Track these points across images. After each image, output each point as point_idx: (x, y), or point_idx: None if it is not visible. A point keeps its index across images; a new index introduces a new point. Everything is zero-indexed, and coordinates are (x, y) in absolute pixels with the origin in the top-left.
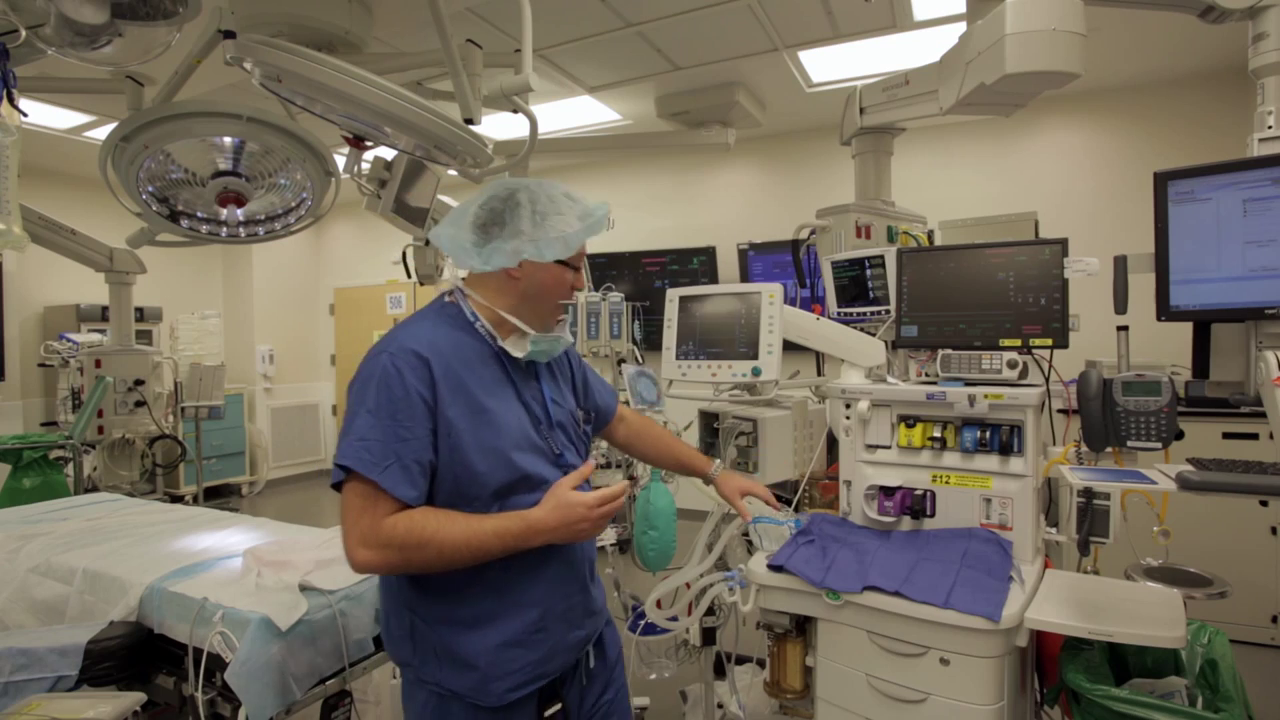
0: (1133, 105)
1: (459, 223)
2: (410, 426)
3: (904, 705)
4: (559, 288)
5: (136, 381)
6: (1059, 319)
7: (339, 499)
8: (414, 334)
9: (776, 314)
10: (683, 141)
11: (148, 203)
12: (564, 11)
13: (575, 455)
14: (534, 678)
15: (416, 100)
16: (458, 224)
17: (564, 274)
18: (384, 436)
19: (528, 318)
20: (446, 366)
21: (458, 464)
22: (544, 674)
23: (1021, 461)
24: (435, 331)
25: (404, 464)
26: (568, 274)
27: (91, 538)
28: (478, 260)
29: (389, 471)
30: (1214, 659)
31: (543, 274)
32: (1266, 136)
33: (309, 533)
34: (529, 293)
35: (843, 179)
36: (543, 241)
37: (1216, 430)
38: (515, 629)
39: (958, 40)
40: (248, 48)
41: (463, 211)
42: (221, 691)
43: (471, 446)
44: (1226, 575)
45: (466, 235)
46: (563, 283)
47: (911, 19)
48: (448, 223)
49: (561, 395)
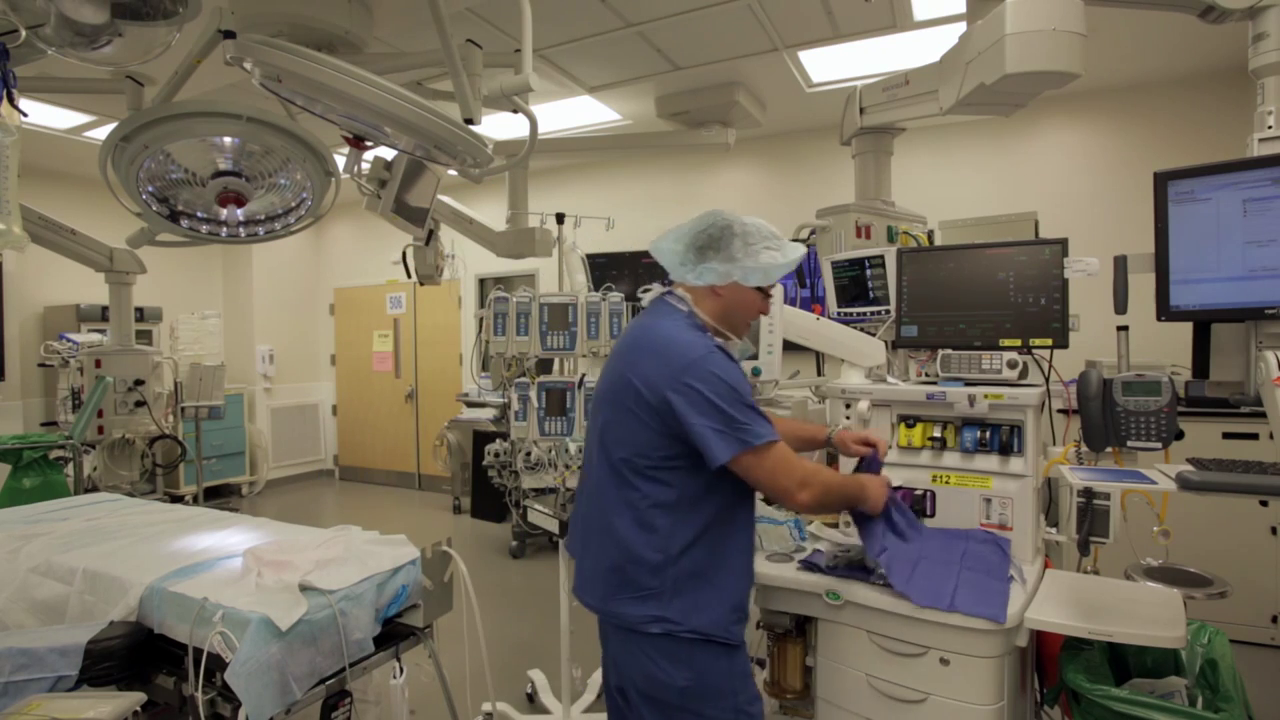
0: (1133, 105)
1: (678, 241)
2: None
3: (904, 705)
4: (752, 309)
5: (136, 381)
6: (1059, 319)
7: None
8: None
9: (776, 314)
10: (683, 141)
11: (148, 203)
12: (564, 11)
13: None
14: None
15: (416, 100)
16: (677, 241)
17: (759, 298)
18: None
19: (728, 327)
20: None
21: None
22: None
23: (1021, 461)
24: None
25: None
26: (761, 299)
27: (91, 538)
28: (691, 275)
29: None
30: (1214, 659)
31: (743, 295)
32: (1266, 136)
33: (309, 533)
34: (729, 309)
35: (843, 179)
36: (750, 269)
37: (1216, 430)
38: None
39: (958, 40)
40: (248, 48)
41: (683, 232)
42: (221, 691)
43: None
44: (1226, 575)
45: (684, 253)
46: (756, 305)
47: (911, 19)
48: (670, 239)
49: None
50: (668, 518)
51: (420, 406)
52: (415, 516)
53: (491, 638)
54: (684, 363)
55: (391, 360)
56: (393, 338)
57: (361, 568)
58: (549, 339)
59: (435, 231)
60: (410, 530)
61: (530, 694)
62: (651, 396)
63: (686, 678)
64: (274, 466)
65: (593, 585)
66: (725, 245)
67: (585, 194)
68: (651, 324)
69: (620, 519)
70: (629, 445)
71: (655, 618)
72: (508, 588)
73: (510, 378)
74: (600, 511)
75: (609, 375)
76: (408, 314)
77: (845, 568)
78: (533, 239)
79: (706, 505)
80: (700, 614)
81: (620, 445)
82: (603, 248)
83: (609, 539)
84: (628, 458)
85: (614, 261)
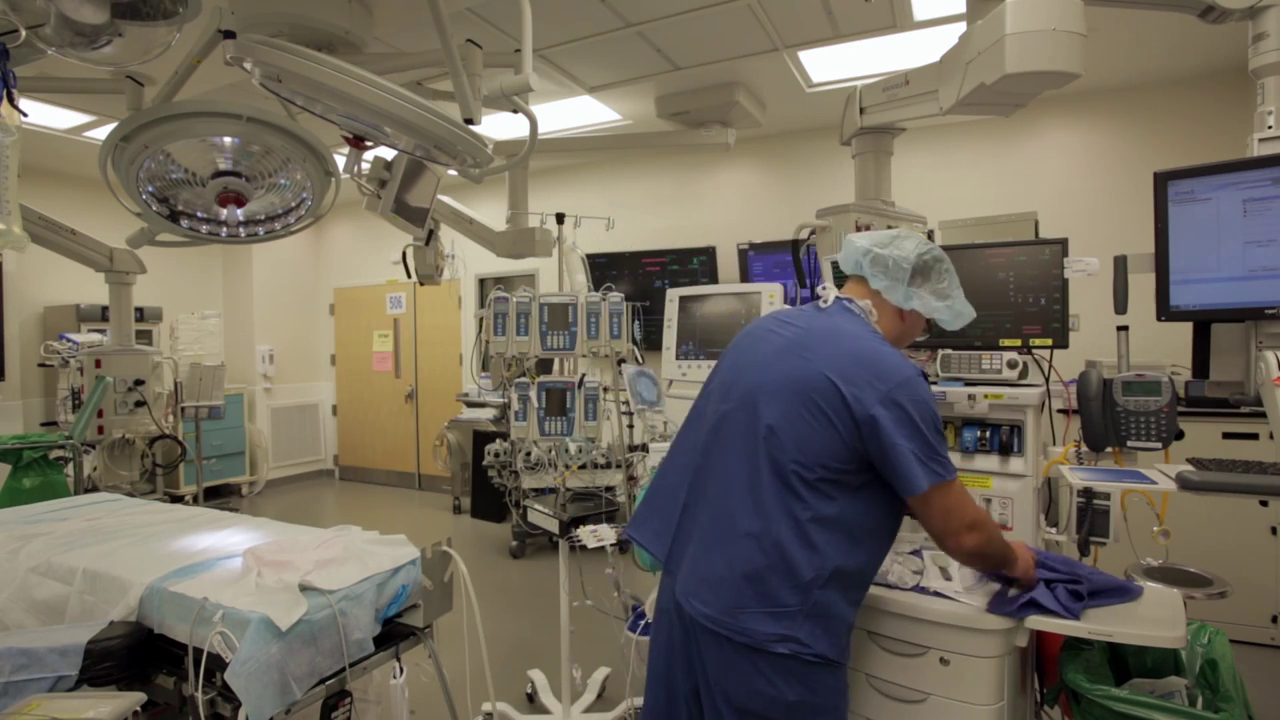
0: (1133, 105)
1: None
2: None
3: (904, 705)
4: (915, 331)
5: (136, 381)
6: (1059, 319)
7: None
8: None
9: None
10: (683, 141)
11: (148, 203)
12: (564, 11)
13: None
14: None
15: (416, 100)
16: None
17: (920, 323)
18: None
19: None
20: None
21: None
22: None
23: (1021, 461)
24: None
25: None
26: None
27: (91, 538)
28: (900, 295)
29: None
30: (1214, 659)
31: (918, 323)
32: (1266, 136)
33: (309, 533)
34: (906, 334)
35: (843, 179)
36: (940, 309)
37: (1216, 430)
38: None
39: (958, 40)
40: (248, 48)
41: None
42: (221, 691)
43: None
44: (1226, 575)
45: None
46: (918, 328)
47: (911, 19)
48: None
49: None
50: (826, 535)
51: (420, 406)
52: (415, 516)
53: (491, 638)
54: (898, 379)
55: (391, 360)
56: (393, 338)
57: (361, 568)
58: (549, 339)
59: (435, 231)
60: (410, 530)
61: (530, 694)
62: (857, 407)
63: (798, 694)
64: (274, 466)
65: (715, 592)
66: (937, 279)
67: (585, 194)
68: (845, 328)
69: (778, 528)
70: (809, 452)
71: (784, 636)
72: (508, 588)
73: (510, 378)
74: (742, 515)
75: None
76: (408, 314)
77: None
78: (533, 239)
79: (863, 531)
80: (827, 639)
81: (797, 449)
82: (603, 248)
83: (754, 547)
84: (804, 464)
85: (614, 261)
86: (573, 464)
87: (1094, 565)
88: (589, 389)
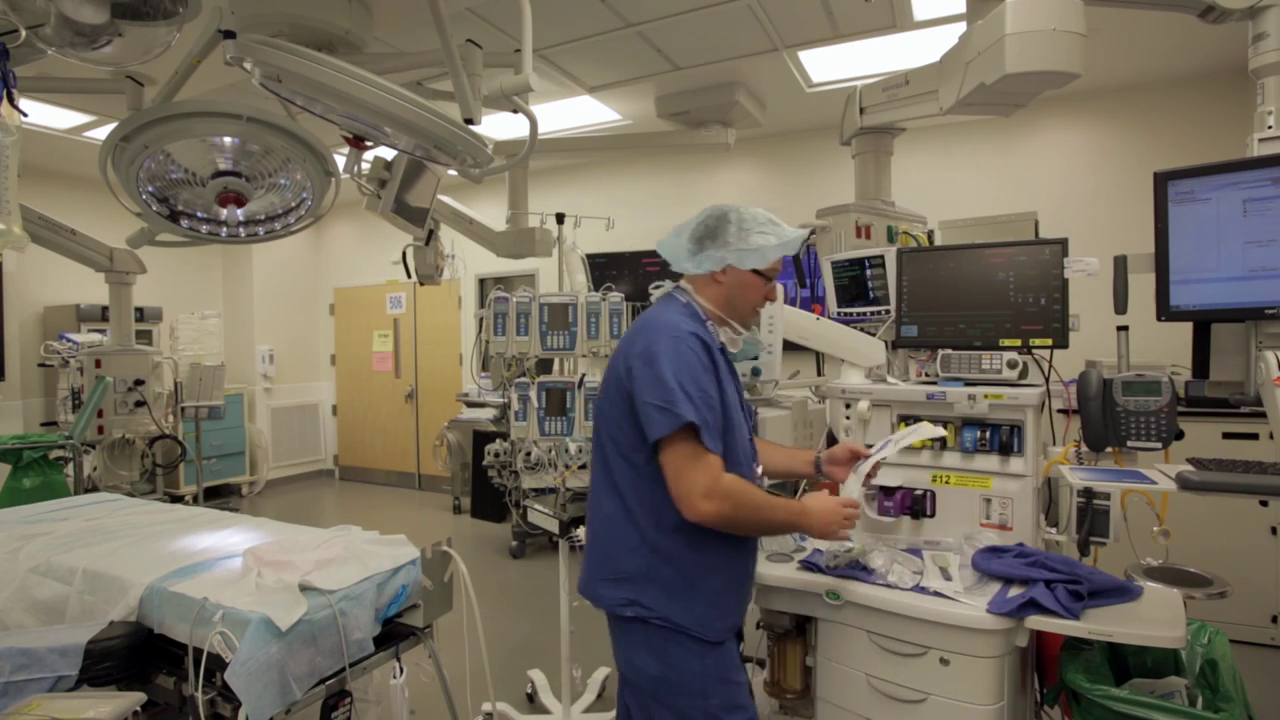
0: (1133, 105)
1: (680, 234)
2: (711, 395)
3: (904, 705)
4: (754, 293)
5: (136, 381)
6: (1059, 319)
7: (340, 493)
8: (680, 323)
9: (776, 314)
10: (683, 141)
11: (148, 203)
12: (564, 11)
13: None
14: (735, 624)
15: (416, 100)
16: (679, 235)
17: (759, 282)
18: (699, 403)
19: (734, 315)
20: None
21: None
22: (738, 622)
23: (1021, 461)
24: (694, 322)
25: (714, 425)
26: (762, 283)
27: (91, 538)
28: (691, 264)
29: (710, 433)
30: (1214, 659)
31: (741, 279)
32: (1266, 136)
33: (309, 533)
34: (730, 295)
35: (843, 179)
36: (743, 251)
37: (1216, 430)
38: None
39: (958, 40)
40: (248, 48)
41: (684, 226)
42: (221, 691)
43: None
44: (1226, 575)
45: (685, 244)
46: (758, 289)
47: (911, 19)
48: (672, 234)
49: (740, 389)
50: (645, 502)
51: (420, 406)
52: (415, 516)
53: (491, 638)
54: (654, 335)
55: (391, 360)
56: (393, 338)
57: (361, 568)
58: (549, 339)
59: (435, 231)
60: (410, 530)
61: (530, 694)
62: (624, 372)
63: (658, 668)
64: (274, 466)
65: (586, 567)
66: (721, 233)
67: (585, 194)
68: (649, 314)
69: (606, 501)
70: (612, 425)
71: (629, 601)
72: (508, 588)
73: (510, 378)
74: (594, 494)
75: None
76: (408, 314)
77: (845, 568)
78: (533, 239)
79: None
80: (673, 604)
81: (606, 425)
82: (603, 248)
83: (595, 520)
84: (613, 437)
85: (614, 261)
86: (573, 464)
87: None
88: (589, 389)
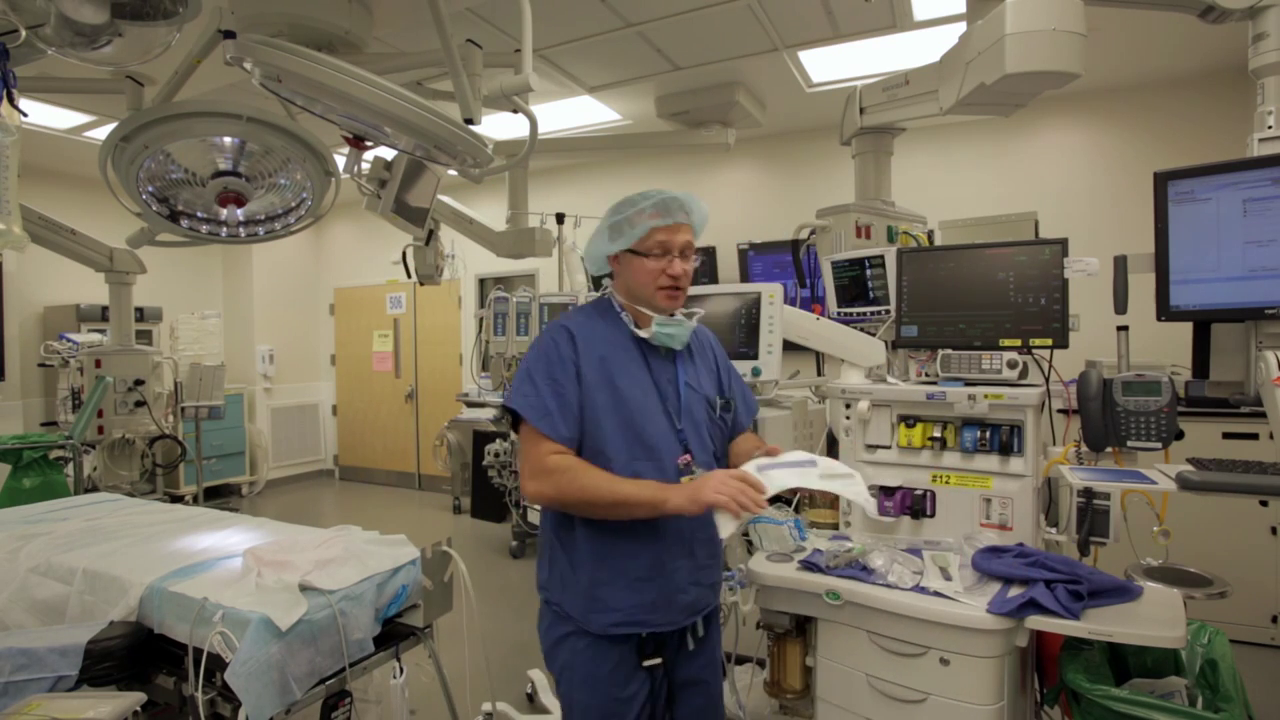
0: (1133, 105)
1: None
2: (563, 382)
3: (904, 705)
4: (642, 274)
5: (136, 381)
6: (1059, 319)
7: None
8: (567, 317)
9: (776, 314)
10: (683, 141)
11: (148, 203)
12: (564, 11)
13: (699, 435)
14: (630, 621)
15: (416, 100)
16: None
17: (644, 263)
18: (544, 390)
19: (641, 303)
20: (587, 340)
21: (590, 420)
22: (642, 623)
23: (1021, 461)
24: (582, 315)
25: (559, 410)
26: (648, 262)
27: (91, 538)
28: (593, 267)
29: (547, 418)
30: (1214, 659)
31: (628, 264)
32: (1266, 136)
33: (309, 533)
34: (626, 282)
35: (843, 179)
36: (615, 237)
37: (1216, 430)
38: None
39: (958, 40)
40: (248, 48)
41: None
42: (221, 691)
43: (601, 408)
44: (1226, 575)
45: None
46: (643, 269)
47: (911, 19)
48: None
49: (699, 380)
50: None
51: (420, 406)
52: (415, 516)
53: (491, 638)
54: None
55: (391, 360)
56: (393, 338)
57: (361, 568)
58: None
59: (435, 231)
60: (410, 530)
61: (530, 694)
62: None
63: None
64: (274, 466)
65: None
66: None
67: (585, 194)
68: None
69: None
70: None
71: (542, 585)
72: (508, 588)
73: (510, 378)
74: None
75: None
76: (408, 314)
77: (845, 567)
78: (533, 239)
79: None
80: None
81: None
82: None
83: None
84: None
85: None
86: None
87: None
88: None
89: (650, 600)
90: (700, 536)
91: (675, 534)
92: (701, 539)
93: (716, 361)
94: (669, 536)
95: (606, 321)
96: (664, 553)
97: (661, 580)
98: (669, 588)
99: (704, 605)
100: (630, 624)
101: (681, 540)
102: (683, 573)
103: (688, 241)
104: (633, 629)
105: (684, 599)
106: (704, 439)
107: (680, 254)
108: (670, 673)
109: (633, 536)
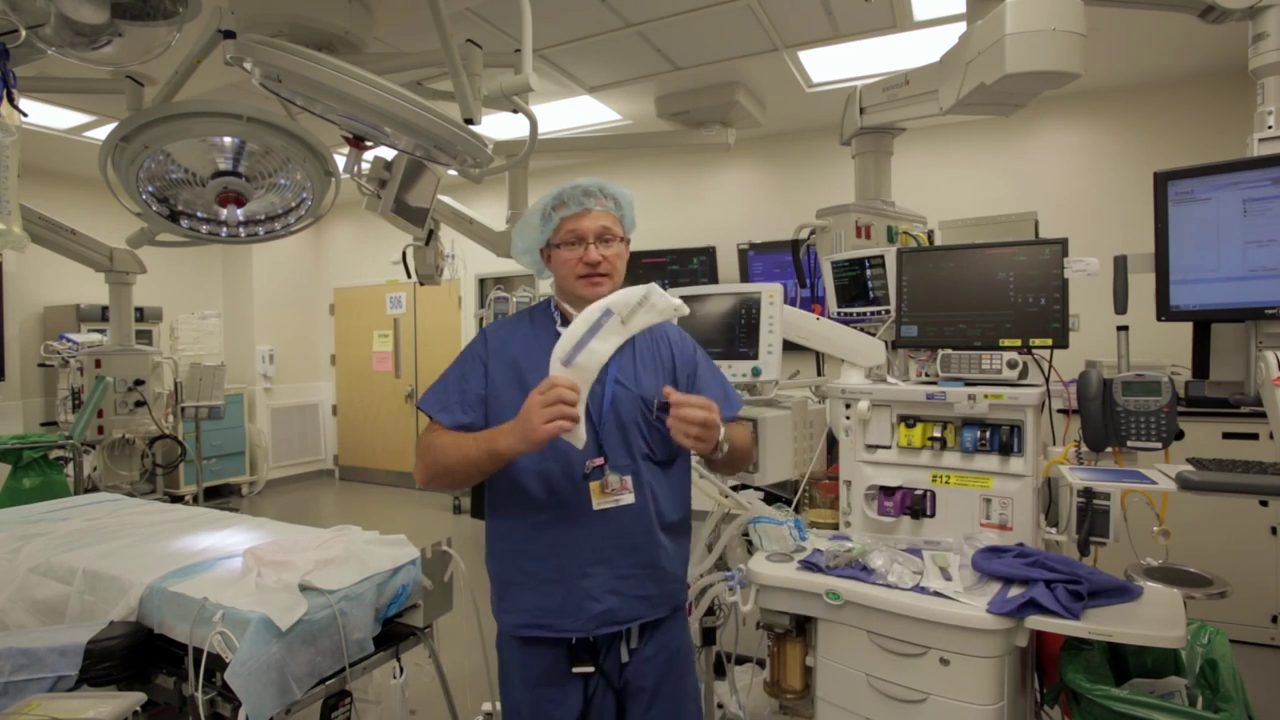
0: (1133, 105)
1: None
2: (469, 378)
3: (904, 705)
4: (563, 266)
5: (136, 381)
6: (1059, 319)
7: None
8: (493, 323)
9: (776, 314)
10: (683, 141)
11: (148, 203)
12: (564, 11)
13: (624, 435)
14: (536, 624)
15: (416, 100)
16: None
17: (560, 254)
18: (451, 387)
19: (567, 296)
20: (503, 342)
21: (496, 420)
22: (549, 627)
23: (1021, 461)
24: (511, 320)
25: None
26: (563, 252)
27: (91, 538)
28: (538, 271)
29: (446, 409)
30: (1214, 659)
31: (552, 260)
32: (1266, 136)
33: (309, 533)
34: (556, 277)
35: (843, 179)
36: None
37: (1216, 430)
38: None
39: (958, 40)
40: (248, 48)
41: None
42: (221, 691)
43: (508, 407)
44: (1226, 575)
45: (534, 233)
46: (563, 261)
47: (911, 19)
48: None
49: (635, 378)
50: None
51: None
52: (415, 516)
53: (491, 638)
54: None
55: (391, 360)
56: (393, 338)
57: (361, 568)
58: None
59: (435, 231)
60: (410, 530)
61: None
62: None
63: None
64: (274, 466)
65: None
66: (543, 217)
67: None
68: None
69: None
70: None
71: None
72: None
73: None
74: None
75: None
76: (408, 314)
77: (845, 567)
78: None
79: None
80: (494, 586)
81: None
82: None
83: None
84: None
85: None
86: None
87: (1094, 565)
88: None
89: (556, 605)
90: (623, 544)
91: (584, 538)
92: (625, 546)
93: (673, 359)
94: (576, 541)
95: (536, 325)
96: (569, 557)
97: (568, 585)
98: (577, 594)
99: (630, 616)
100: (536, 627)
101: (591, 545)
102: (595, 580)
103: (603, 226)
104: (540, 632)
105: (596, 607)
106: (632, 440)
107: (597, 240)
108: (612, 682)
109: (538, 539)
